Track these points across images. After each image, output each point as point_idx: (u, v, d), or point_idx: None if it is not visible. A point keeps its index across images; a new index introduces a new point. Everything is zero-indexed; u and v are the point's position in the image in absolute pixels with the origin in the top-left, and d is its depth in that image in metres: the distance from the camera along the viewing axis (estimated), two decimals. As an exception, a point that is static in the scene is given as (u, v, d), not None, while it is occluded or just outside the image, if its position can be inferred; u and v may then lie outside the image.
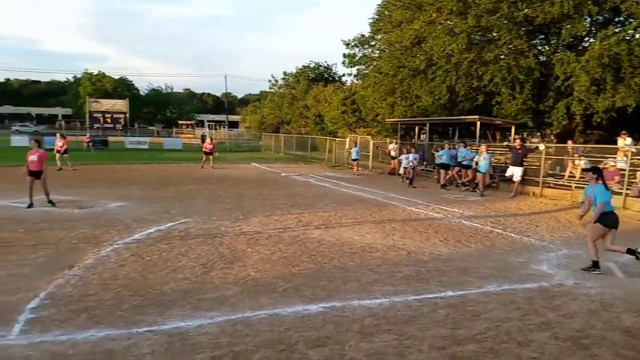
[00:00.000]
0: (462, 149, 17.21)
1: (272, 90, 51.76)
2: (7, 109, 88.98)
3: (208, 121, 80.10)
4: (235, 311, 5.13)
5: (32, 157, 10.81)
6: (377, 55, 29.67)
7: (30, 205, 10.68)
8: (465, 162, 16.96)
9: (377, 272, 6.75)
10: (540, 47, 22.17)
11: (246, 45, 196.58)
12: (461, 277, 6.62)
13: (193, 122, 72.11)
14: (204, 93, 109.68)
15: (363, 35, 29.95)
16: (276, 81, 50.08)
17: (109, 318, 4.86)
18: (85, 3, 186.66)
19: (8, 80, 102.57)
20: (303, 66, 46.98)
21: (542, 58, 21.42)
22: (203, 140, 26.47)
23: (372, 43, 30.01)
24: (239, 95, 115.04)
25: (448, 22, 21.97)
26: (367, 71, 30.51)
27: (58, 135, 21.37)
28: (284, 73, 49.21)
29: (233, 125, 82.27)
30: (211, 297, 5.54)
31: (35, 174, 10.77)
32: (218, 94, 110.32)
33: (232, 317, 4.97)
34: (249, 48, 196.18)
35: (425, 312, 5.31)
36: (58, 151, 19.74)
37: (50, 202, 10.93)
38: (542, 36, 21.97)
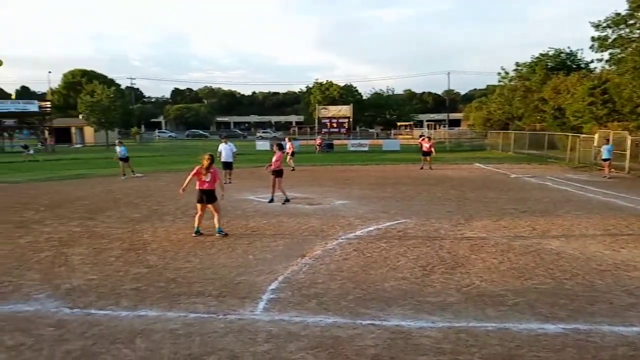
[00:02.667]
0: None
1: (502, 83, 48.57)
2: (253, 118, 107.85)
3: (427, 121, 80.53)
4: (458, 319, 5.03)
5: (273, 159, 12.77)
6: (637, 35, 24.96)
7: (271, 200, 12.66)
8: None
9: (635, 294, 5.71)
10: None
11: (472, 38, 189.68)
12: None
13: (411, 122, 73.59)
14: (424, 92, 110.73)
15: (618, 14, 25.72)
16: (506, 73, 46.78)
17: (335, 306, 5.38)
18: (316, 18, 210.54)
19: (254, 93, 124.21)
20: (540, 54, 42.66)
21: None
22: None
23: (631, 22, 25.43)
24: (462, 92, 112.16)
25: None
26: (623, 55, 25.97)
27: (287, 139, 24.80)
28: (516, 64, 45.52)
29: (454, 123, 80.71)
30: (432, 300, 5.56)
31: (275, 173, 12.66)
32: (439, 92, 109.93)
33: (455, 324, 4.89)
34: (476, 41, 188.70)
35: None
36: (287, 153, 22.85)
37: (286, 200, 12.66)
38: None
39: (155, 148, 44.51)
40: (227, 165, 17.26)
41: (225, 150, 17.26)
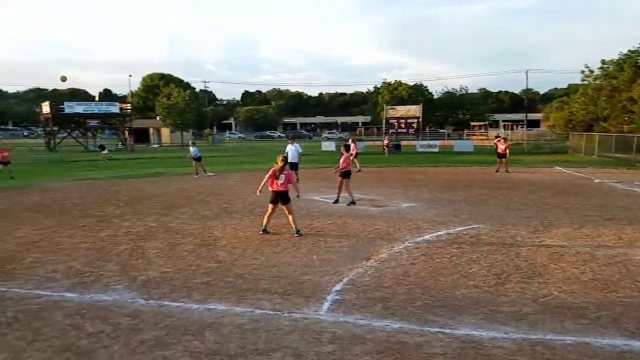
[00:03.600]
0: None
1: (585, 82, 45.58)
2: (319, 119, 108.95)
3: (503, 121, 77.21)
4: (534, 330, 4.78)
5: (341, 160, 12.83)
6: None
7: (336, 201, 12.71)
8: None
9: None
10: None
11: (553, 35, 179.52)
12: None
13: (486, 122, 70.83)
14: (499, 91, 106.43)
15: None
16: (591, 72, 43.81)
17: (402, 312, 5.29)
18: (387, 18, 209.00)
19: (321, 94, 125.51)
20: (629, 51, 39.59)
21: None
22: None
23: None
24: (542, 91, 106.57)
25: None
26: None
27: (350, 140, 24.80)
28: (602, 61, 42.54)
29: (533, 124, 76.75)
30: (506, 310, 5.32)
31: (342, 174, 12.69)
32: (516, 91, 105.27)
33: (530, 336, 4.65)
34: (557, 38, 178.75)
35: None
36: (351, 154, 22.82)
37: (352, 202, 12.62)
38: None
39: (226, 148, 46.18)
40: (293, 166, 17.57)
41: (291, 151, 17.61)
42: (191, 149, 21.15)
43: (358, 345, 4.46)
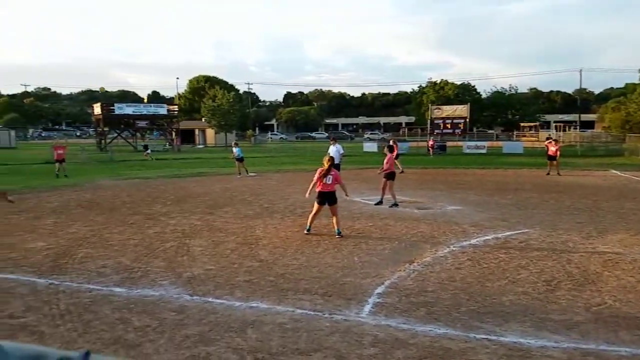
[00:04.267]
0: None
1: (644, 80, 43.31)
2: (362, 119, 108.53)
3: (555, 122, 74.41)
4: (586, 340, 4.59)
5: (384, 161, 12.76)
6: None
7: (379, 203, 12.62)
8: None
9: None
10: None
11: (609, 32, 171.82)
12: None
13: (537, 123, 68.36)
14: (551, 91, 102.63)
15: None
16: (649, 69, 41.65)
17: (446, 317, 5.20)
18: (433, 16, 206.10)
19: (364, 94, 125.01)
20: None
21: None
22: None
23: None
24: (596, 91, 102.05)
25: None
26: None
27: (391, 141, 24.60)
28: (663, 58, 40.35)
29: (586, 125, 73.57)
30: (556, 318, 5.13)
31: (386, 176, 12.60)
32: (569, 90, 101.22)
33: (582, 345, 4.47)
34: (613, 36, 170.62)
35: None
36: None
37: (395, 204, 12.51)
38: None
39: (268, 149, 46.83)
40: (335, 167, 17.58)
41: (332, 152, 17.65)
42: (234, 149, 21.57)
43: (400, 350, 4.42)
